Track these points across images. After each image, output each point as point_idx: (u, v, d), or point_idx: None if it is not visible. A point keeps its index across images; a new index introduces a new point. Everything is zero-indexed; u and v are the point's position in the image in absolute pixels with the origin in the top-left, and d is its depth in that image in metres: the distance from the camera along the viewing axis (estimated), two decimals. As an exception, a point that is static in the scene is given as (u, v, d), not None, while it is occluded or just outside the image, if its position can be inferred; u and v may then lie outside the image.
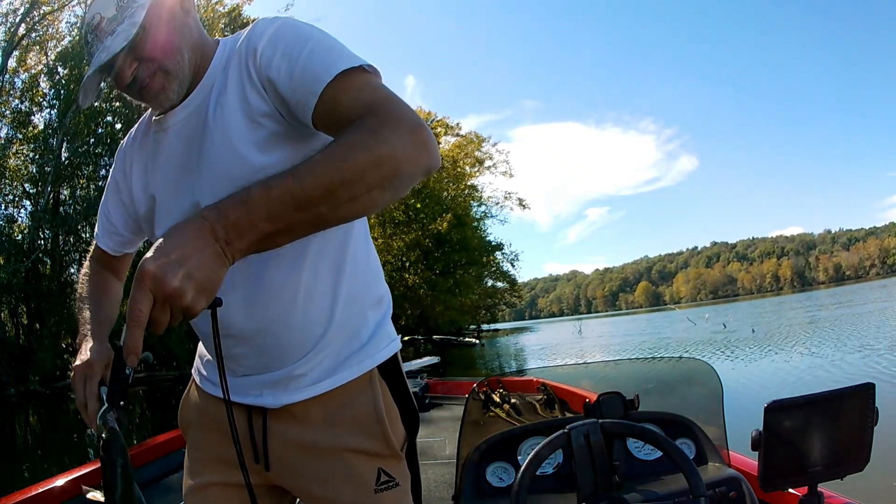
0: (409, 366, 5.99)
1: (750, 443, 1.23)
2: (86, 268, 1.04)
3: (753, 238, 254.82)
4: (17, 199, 18.78)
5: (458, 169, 37.36)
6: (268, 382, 0.88)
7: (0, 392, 14.85)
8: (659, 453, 1.45)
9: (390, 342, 0.94)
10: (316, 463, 0.89)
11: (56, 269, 18.57)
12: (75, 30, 17.95)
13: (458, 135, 38.51)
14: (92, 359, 0.85)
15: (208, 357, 0.96)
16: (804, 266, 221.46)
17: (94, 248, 1.04)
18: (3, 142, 18.07)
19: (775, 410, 1.20)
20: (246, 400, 0.89)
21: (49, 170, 17.75)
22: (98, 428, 0.67)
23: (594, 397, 1.40)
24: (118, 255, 1.03)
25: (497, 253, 40.42)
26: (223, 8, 20.64)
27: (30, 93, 18.59)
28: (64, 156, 18.35)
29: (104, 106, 17.83)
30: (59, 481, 2.04)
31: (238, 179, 0.74)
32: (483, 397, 2.36)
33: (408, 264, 35.32)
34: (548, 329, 52.55)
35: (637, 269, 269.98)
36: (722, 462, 1.47)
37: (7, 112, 18.28)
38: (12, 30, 17.42)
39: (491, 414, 2.31)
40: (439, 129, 36.34)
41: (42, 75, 18.65)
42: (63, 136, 18.08)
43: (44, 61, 18.62)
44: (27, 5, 17.36)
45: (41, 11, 17.82)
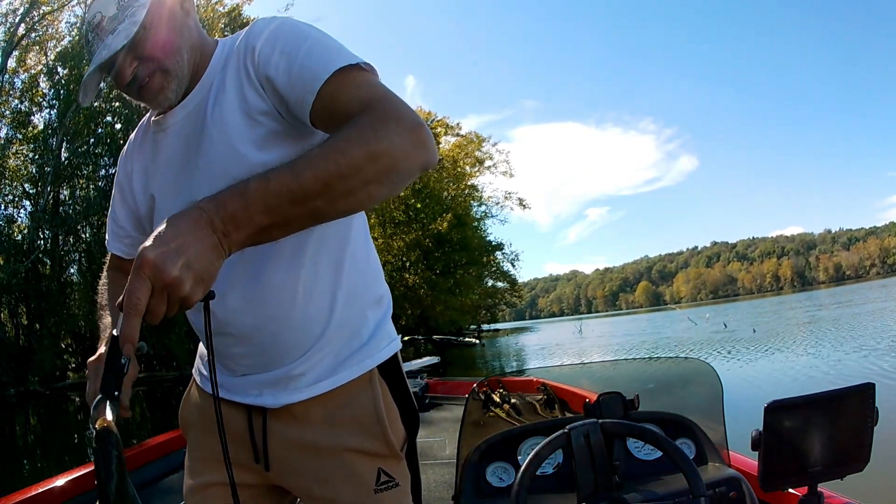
0: (409, 366, 6.00)
1: (750, 443, 1.23)
2: (103, 278, 1.04)
3: (753, 238, 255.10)
4: (16, 199, 18.76)
5: (459, 169, 37.40)
6: (267, 382, 0.88)
7: (0, 392, 14.84)
8: (659, 453, 1.45)
9: (390, 342, 0.94)
10: (316, 463, 0.89)
11: (56, 269, 18.54)
12: (75, 30, 17.94)
13: (458, 135, 38.60)
14: (103, 353, 0.85)
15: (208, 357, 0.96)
16: (804, 266, 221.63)
17: (109, 258, 1.04)
18: (2, 142, 18.05)
19: (775, 410, 1.20)
20: (246, 399, 0.89)
21: (49, 170, 17.73)
22: (92, 417, 0.66)
23: (594, 397, 1.40)
24: (131, 258, 1.03)
25: (497, 253, 40.48)
26: (223, 8, 20.65)
27: (29, 93, 18.57)
28: (64, 156, 18.32)
29: (104, 106, 17.83)
30: (59, 481, 2.04)
31: (237, 178, 0.73)
32: (483, 397, 2.35)
33: (408, 264, 35.32)
34: (548, 329, 52.57)
35: (637, 269, 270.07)
36: (722, 462, 1.47)
37: (7, 112, 18.26)
38: (12, 30, 17.41)
39: (491, 414, 2.31)
40: (439, 129, 36.33)
41: (42, 75, 18.62)
42: (63, 137, 18.07)
43: (43, 61, 18.60)
44: (27, 5, 17.35)
45: (41, 11, 17.81)
